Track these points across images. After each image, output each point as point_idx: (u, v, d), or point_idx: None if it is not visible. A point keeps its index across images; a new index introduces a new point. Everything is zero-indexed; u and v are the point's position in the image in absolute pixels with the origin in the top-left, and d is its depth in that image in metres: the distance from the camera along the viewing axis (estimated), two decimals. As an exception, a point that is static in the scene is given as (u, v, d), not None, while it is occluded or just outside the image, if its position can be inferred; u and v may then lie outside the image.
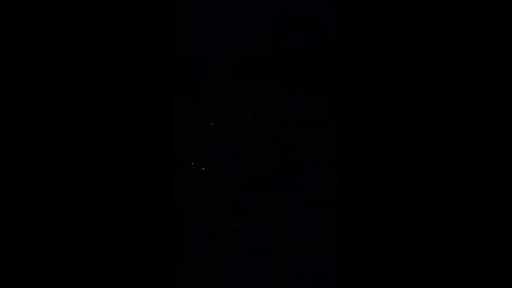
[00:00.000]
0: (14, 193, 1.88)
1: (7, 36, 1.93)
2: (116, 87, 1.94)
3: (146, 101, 1.96)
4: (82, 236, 1.89)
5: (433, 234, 1.88)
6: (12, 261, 1.86)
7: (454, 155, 1.91)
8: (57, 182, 1.89)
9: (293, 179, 2.03)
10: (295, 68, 2.08)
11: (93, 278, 1.88)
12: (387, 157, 1.93)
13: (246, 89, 2.09)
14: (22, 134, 1.90)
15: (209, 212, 2.02)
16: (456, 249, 1.86)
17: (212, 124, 2.07)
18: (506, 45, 1.93)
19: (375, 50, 1.97)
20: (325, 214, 2.00)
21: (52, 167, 1.90)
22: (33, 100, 1.92)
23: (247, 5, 2.10)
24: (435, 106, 1.93)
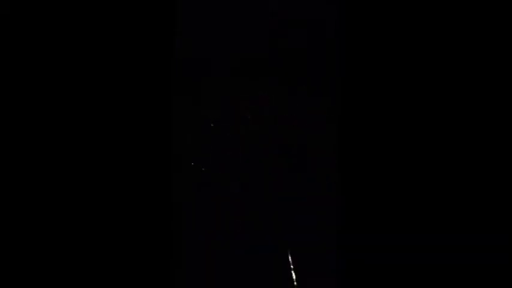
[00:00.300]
0: (13, 193, 1.88)
1: (7, 36, 1.93)
2: (116, 87, 1.95)
3: (146, 101, 1.96)
4: (82, 236, 1.89)
5: (433, 234, 1.88)
6: (12, 262, 1.86)
7: (454, 155, 1.91)
8: (57, 182, 1.89)
9: (293, 179, 2.03)
10: (295, 68, 2.08)
11: (94, 278, 1.88)
12: (387, 157, 1.93)
13: (246, 89, 2.09)
14: (22, 134, 1.90)
15: (209, 212, 2.02)
16: (456, 249, 1.86)
17: (212, 124, 2.07)
18: (506, 45, 1.93)
19: (375, 50, 1.97)
20: (325, 214, 2.00)
21: (52, 167, 1.90)
22: (33, 100, 1.92)
23: (247, 5, 2.10)
24: (435, 106, 1.93)
